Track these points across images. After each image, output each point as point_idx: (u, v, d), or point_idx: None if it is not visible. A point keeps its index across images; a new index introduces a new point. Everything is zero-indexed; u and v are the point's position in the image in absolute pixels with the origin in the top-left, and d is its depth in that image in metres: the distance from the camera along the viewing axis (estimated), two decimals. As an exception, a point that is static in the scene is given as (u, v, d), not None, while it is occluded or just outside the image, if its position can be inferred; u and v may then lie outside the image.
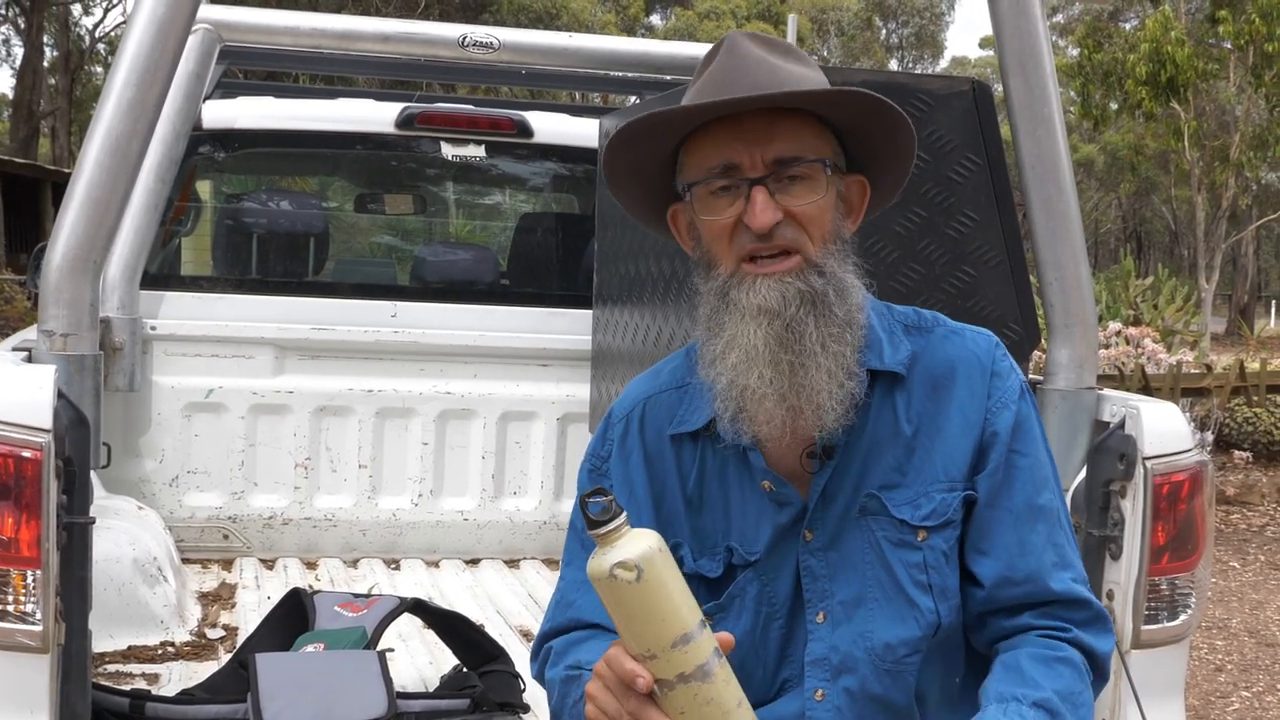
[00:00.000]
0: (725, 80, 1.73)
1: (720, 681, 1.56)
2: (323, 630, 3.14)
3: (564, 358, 4.48)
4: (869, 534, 1.80)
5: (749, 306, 1.71)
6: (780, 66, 1.74)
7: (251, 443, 4.30)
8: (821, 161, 1.74)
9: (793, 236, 1.72)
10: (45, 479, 2.26)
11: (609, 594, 1.55)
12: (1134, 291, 15.18)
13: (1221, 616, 7.25)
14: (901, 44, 54.78)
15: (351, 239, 6.15)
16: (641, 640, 1.55)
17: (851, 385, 1.74)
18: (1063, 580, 1.80)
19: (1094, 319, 2.87)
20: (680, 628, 1.54)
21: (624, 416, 1.93)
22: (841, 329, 1.73)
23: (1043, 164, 2.80)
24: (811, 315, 1.71)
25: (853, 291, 1.76)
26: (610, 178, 1.86)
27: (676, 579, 1.56)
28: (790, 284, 1.71)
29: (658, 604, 1.53)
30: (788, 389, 1.71)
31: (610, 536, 1.54)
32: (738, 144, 1.72)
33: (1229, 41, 20.85)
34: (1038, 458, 1.83)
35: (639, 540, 1.54)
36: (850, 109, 1.75)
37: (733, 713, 1.57)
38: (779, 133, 1.72)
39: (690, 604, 1.56)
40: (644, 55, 4.38)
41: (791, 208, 1.72)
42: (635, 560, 1.52)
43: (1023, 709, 1.68)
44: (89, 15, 39.22)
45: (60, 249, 2.49)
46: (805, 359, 1.71)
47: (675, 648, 1.53)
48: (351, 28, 4.15)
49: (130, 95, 2.49)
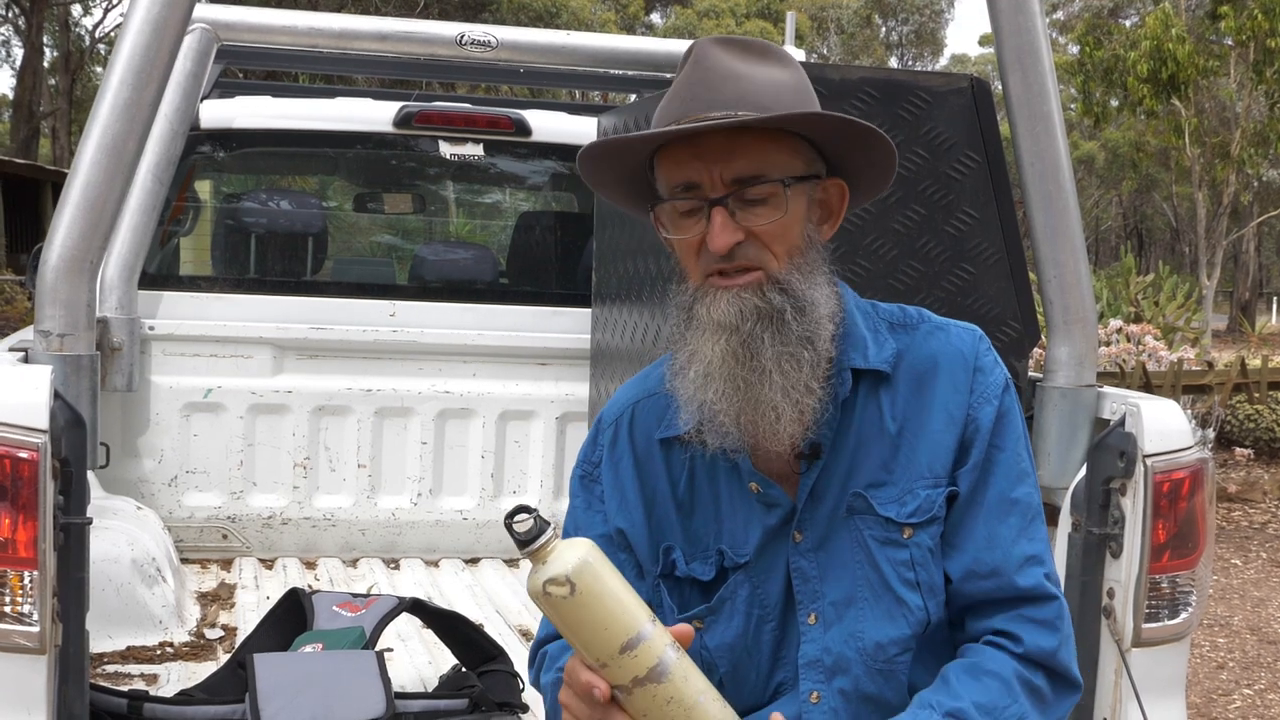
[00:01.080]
0: (689, 95, 1.71)
1: (678, 679, 1.55)
2: (321, 630, 3.13)
3: (563, 356, 4.47)
4: (856, 533, 1.79)
5: (708, 321, 1.72)
6: (747, 76, 1.71)
7: (250, 442, 4.29)
8: (782, 182, 1.71)
9: (755, 255, 1.71)
10: (42, 479, 2.26)
11: (549, 610, 1.55)
12: (1135, 289, 15.16)
13: (1223, 614, 7.24)
14: (901, 41, 54.77)
15: (350, 238, 6.15)
16: (590, 650, 1.55)
17: (809, 401, 1.73)
18: (1032, 575, 1.79)
19: (1093, 316, 2.87)
20: (624, 634, 1.53)
21: (613, 421, 1.93)
22: (799, 346, 1.72)
23: (1042, 161, 2.80)
24: (768, 332, 1.70)
25: (817, 306, 1.74)
26: (593, 185, 1.88)
27: (615, 586, 1.56)
28: (748, 300, 1.70)
29: (597, 614, 1.53)
30: (743, 404, 1.72)
31: (541, 553, 1.54)
32: (697, 163, 1.71)
33: (1230, 38, 20.84)
34: (1015, 452, 1.82)
35: (569, 553, 1.54)
36: (815, 126, 1.74)
37: (696, 707, 1.56)
38: (739, 151, 1.70)
39: (633, 608, 1.56)
40: (642, 53, 4.37)
41: (753, 227, 1.71)
42: (567, 574, 1.52)
43: (931, 715, 1.68)
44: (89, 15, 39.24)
45: (56, 249, 2.48)
46: (760, 376, 1.71)
47: (624, 653, 1.53)
48: (349, 27, 4.14)
49: (126, 95, 2.48)
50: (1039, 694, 1.77)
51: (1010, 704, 1.72)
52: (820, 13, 48.51)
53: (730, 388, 1.71)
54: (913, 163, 3.01)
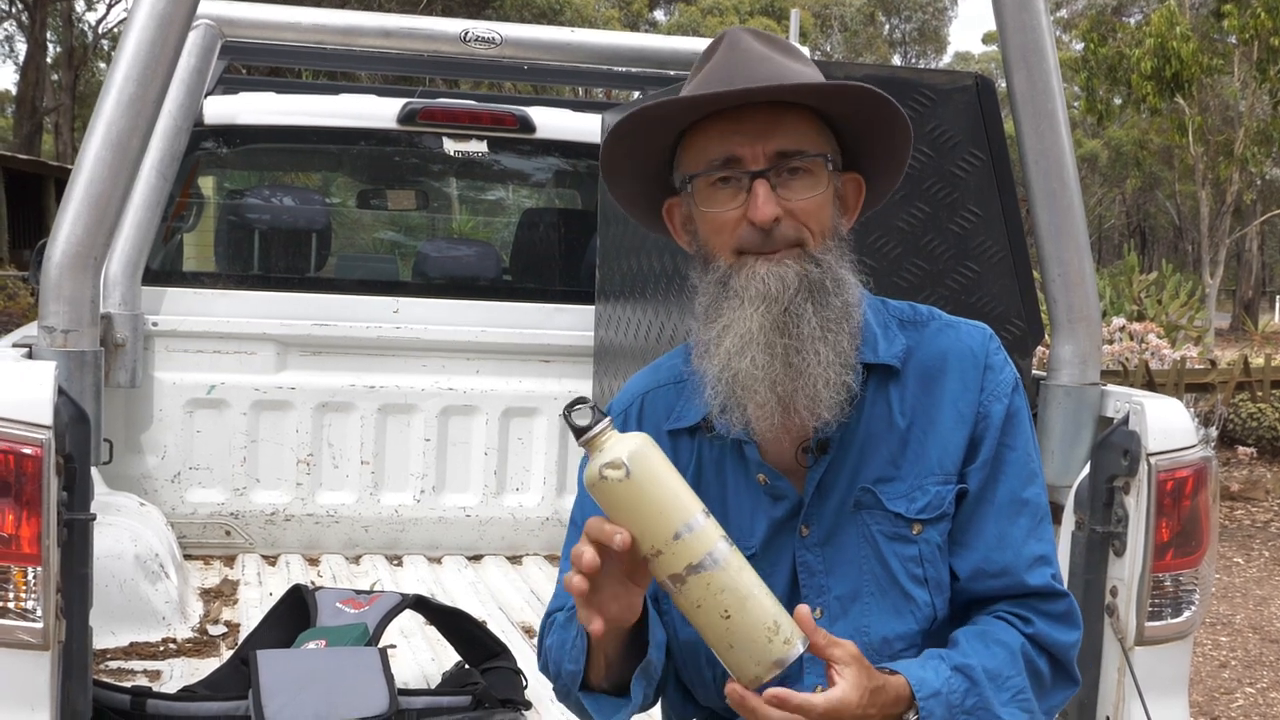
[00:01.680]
0: (728, 75, 1.72)
1: (733, 569, 1.55)
2: (324, 627, 3.14)
3: (566, 353, 4.47)
4: (864, 528, 1.80)
5: (748, 292, 1.70)
6: (781, 63, 1.74)
7: (253, 439, 4.29)
8: (823, 156, 1.73)
9: (792, 231, 1.72)
10: (46, 476, 2.26)
11: (605, 497, 1.56)
12: (1138, 287, 15.15)
13: (1226, 612, 7.24)
14: (904, 39, 54.76)
15: (354, 235, 6.15)
16: (645, 537, 1.54)
17: (848, 378, 1.73)
18: (1041, 575, 1.80)
19: (1097, 314, 2.86)
20: (679, 519, 1.54)
21: (622, 412, 1.93)
22: (840, 318, 1.72)
23: (1046, 159, 2.80)
24: (810, 302, 1.70)
25: (849, 286, 1.75)
26: (608, 170, 1.86)
27: (670, 472, 1.57)
28: (790, 269, 1.70)
29: (653, 498, 1.54)
30: (781, 375, 1.70)
31: (597, 441, 1.56)
32: (739, 137, 1.71)
33: (1234, 36, 20.82)
34: (1025, 451, 1.83)
35: (626, 440, 1.56)
36: (853, 103, 1.74)
37: (750, 598, 1.54)
38: (781, 127, 1.71)
39: (688, 495, 1.56)
40: (646, 50, 4.37)
41: (792, 202, 1.71)
42: (623, 458, 1.54)
43: (940, 665, 1.69)
44: (92, 11, 39.23)
45: (61, 245, 2.48)
46: (802, 344, 1.70)
47: (678, 539, 1.53)
48: (353, 23, 4.14)
49: (131, 91, 2.48)
50: (1039, 676, 1.78)
51: (1014, 675, 1.73)
52: (824, 10, 48.48)
53: (769, 356, 1.70)
54: (917, 160, 3.01)
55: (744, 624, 1.54)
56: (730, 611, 1.54)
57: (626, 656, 1.74)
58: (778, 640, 1.54)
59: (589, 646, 1.74)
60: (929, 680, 1.67)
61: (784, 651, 1.55)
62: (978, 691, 1.69)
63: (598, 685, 1.77)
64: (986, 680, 1.70)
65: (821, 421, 1.74)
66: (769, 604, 1.56)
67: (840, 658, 1.59)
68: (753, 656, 1.55)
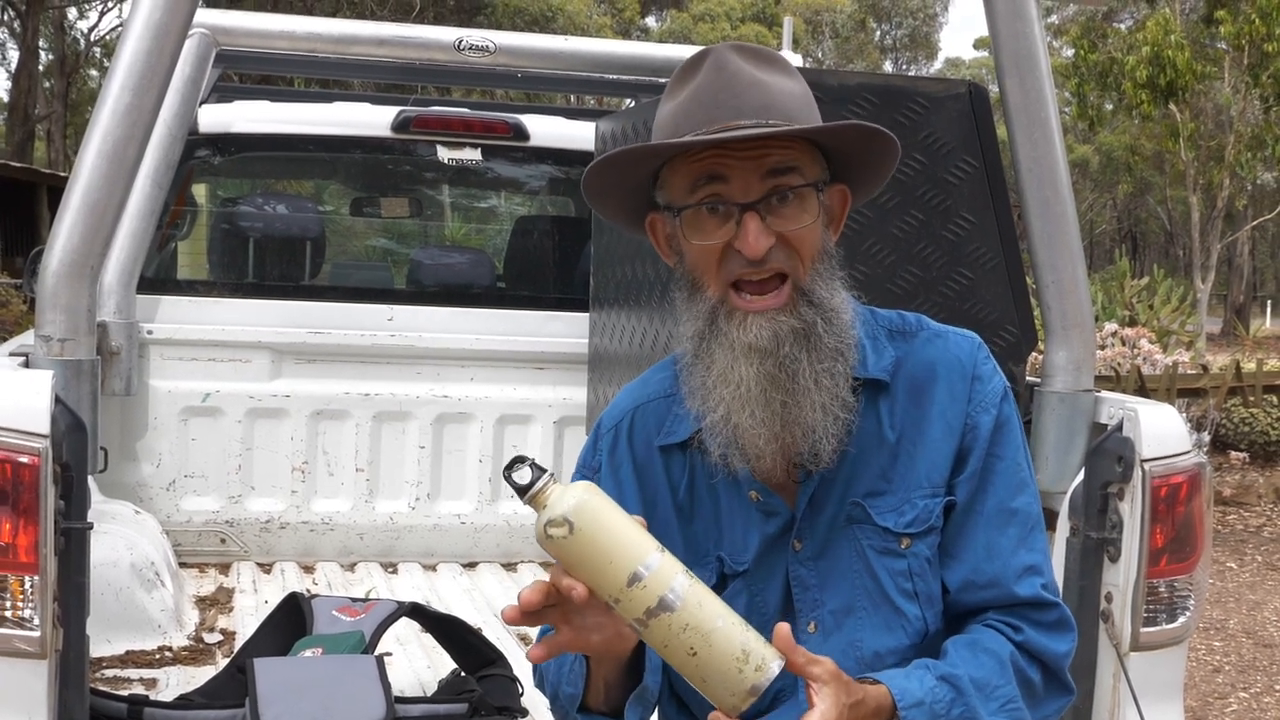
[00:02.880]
0: (713, 101, 1.70)
1: (691, 605, 1.55)
2: (321, 635, 3.14)
3: (561, 361, 4.47)
4: (855, 543, 1.80)
5: (740, 344, 1.70)
6: (770, 85, 1.71)
7: (248, 446, 4.29)
8: (813, 185, 1.72)
9: (784, 260, 1.70)
10: (43, 484, 2.26)
11: (555, 553, 1.56)
12: (1129, 292, 15.19)
13: (1219, 617, 7.25)
14: (895, 45, 54.83)
15: (348, 242, 6.15)
16: (600, 589, 1.55)
17: (845, 415, 1.73)
18: (1030, 585, 1.79)
19: (1091, 321, 2.88)
20: (629, 566, 1.54)
21: (613, 427, 1.92)
22: (833, 360, 1.72)
23: (1039, 166, 2.81)
24: (804, 351, 1.70)
25: (842, 313, 1.74)
26: (590, 194, 1.84)
27: (616, 521, 1.56)
28: (783, 322, 1.69)
29: (600, 550, 1.54)
30: (780, 428, 1.71)
31: (540, 498, 1.56)
32: (727, 165, 1.69)
33: (1225, 42, 20.89)
34: (1015, 461, 1.82)
35: (568, 494, 1.56)
36: (848, 140, 1.74)
37: (715, 633, 1.55)
38: (770, 156, 1.69)
39: (637, 540, 1.56)
40: (639, 58, 4.38)
41: (784, 232, 1.70)
42: (564, 514, 1.54)
43: (926, 675, 1.69)
44: (84, 19, 39.17)
45: (57, 254, 2.48)
46: (798, 397, 1.70)
47: (633, 586, 1.53)
48: (347, 32, 4.15)
49: (127, 100, 2.48)
50: (1030, 686, 1.77)
51: (1003, 684, 1.73)
52: (815, 16, 48.56)
53: (767, 412, 1.70)
54: (910, 168, 3.02)
55: (711, 658, 1.55)
56: (696, 649, 1.55)
57: (624, 681, 1.74)
58: (748, 669, 1.55)
59: (588, 671, 1.74)
60: (912, 690, 1.66)
61: (756, 679, 1.55)
62: (964, 701, 1.68)
63: (596, 708, 1.77)
64: (974, 690, 1.69)
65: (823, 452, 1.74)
66: (735, 634, 1.56)
67: (818, 675, 1.59)
68: (726, 688, 1.56)
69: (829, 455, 1.74)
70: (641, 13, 41.97)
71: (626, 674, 1.74)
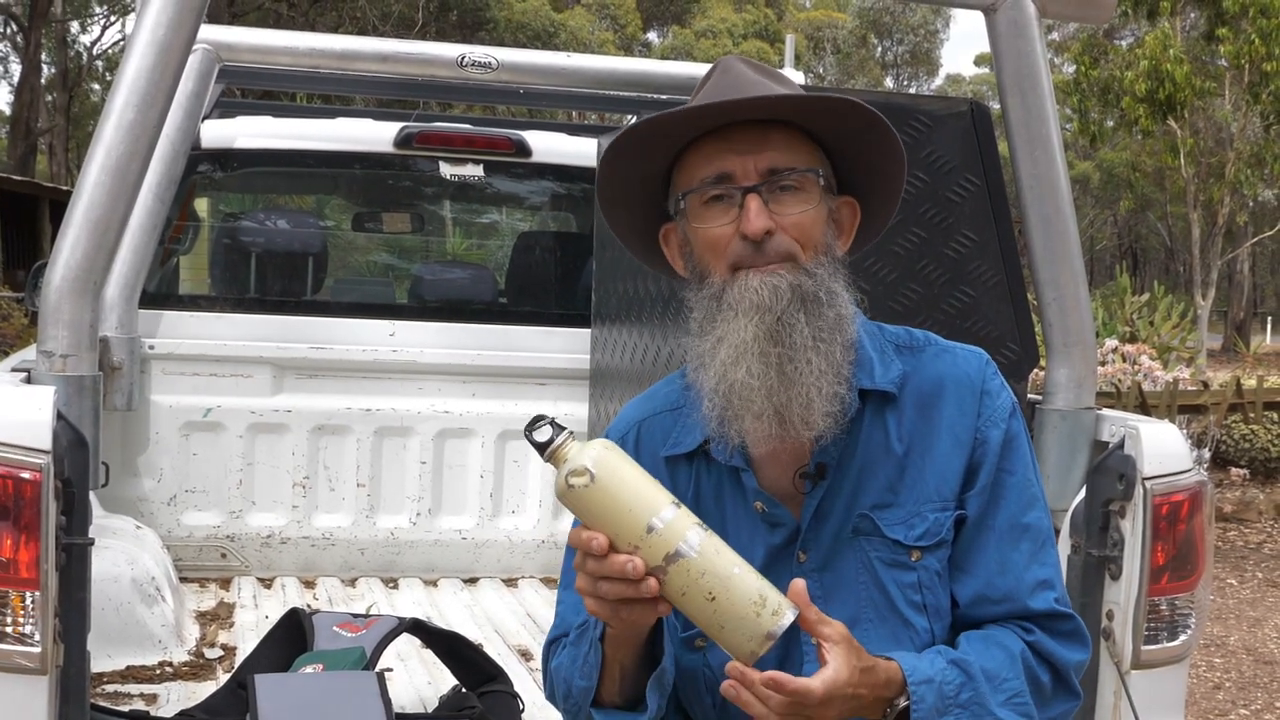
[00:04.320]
0: (719, 94, 1.76)
1: (709, 552, 1.59)
2: (322, 651, 3.13)
3: (562, 377, 4.48)
4: (862, 554, 1.81)
5: (741, 303, 1.73)
6: (772, 88, 1.77)
7: (250, 462, 4.29)
8: (814, 171, 1.76)
9: (785, 244, 1.74)
10: (44, 500, 2.26)
11: (576, 505, 1.61)
12: (1130, 308, 15.19)
13: (1219, 634, 7.24)
14: (897, 61, 54.95)
15: (350, 258, 6.16)
16: (620, 535, 1.59)
17: (842, 390, 1.74)
18: (1044, 600, 1.80)
19: (1092, 339, 2.88)
20: (649, 512, 1.59)
21: (618, 440, 1.93)
22: (832, 329, 1.74)
23: (1041, 184, 2.81)
24: (802, 311, 1.72)
25: (842, 300, 1.77)
26: (605, 199, 1.89)
27: (634, 471, 1.62)
28: (782, 279, 1.72)
29: (621, 497, 1.60)
30: (776, 384, 1.72)
31: (560, 453, 1.62)
32: (730, 154, 1.75)
33: (1225, 60, 20.94)
34: (1025, 476, 1.83)
35: (588, 448, 1.62)
36: (839, 118, 1.77)
37: (732, 578, 1.59)
38: (771, 143, 1.75)
39: (655, 489, 1.62)
40: (642, 75, 4.38)
41: (784, 217, 1.74)
42: (586, 464, 1.60)
43: (937, 657, 1.71)
44: (87, 33, 39.24)
45: (60, 270, 2.48)
46: (795, 353, 1.72)
47: (651, 532, 1.58)
48: (350, 48, 4.15)
49: (131, 117, 2.49)
50: (1039, 685, 1.78)
51: (1012, 677, 1.74)
52: (816, 33, 48.66)
53: (763, 365, 1.72)
54: (913, 185, 3.02)
55: (730, 603, 1.59)
56: (714, 593, 1.59)
57: (640, 667, 1.76)
58: (765, 613, 1.59)
59: (602, 662, 1.76)
60: (922, 668, 1.69)
61: (773, 623, 1.59)
62: (973, 686, 1.70)
63: (610, 701, 1.79)
64: (983, 678, 1.71)
65: (816, 433, 1.75)
66: (752, 580, 1.60)
67: (830, 635, 1.62)
68: (744, 633, 1.59)
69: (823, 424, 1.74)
70: (644, 28, 42.06)
71: (643, 660, 1.76)
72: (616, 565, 1.58)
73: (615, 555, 1.59)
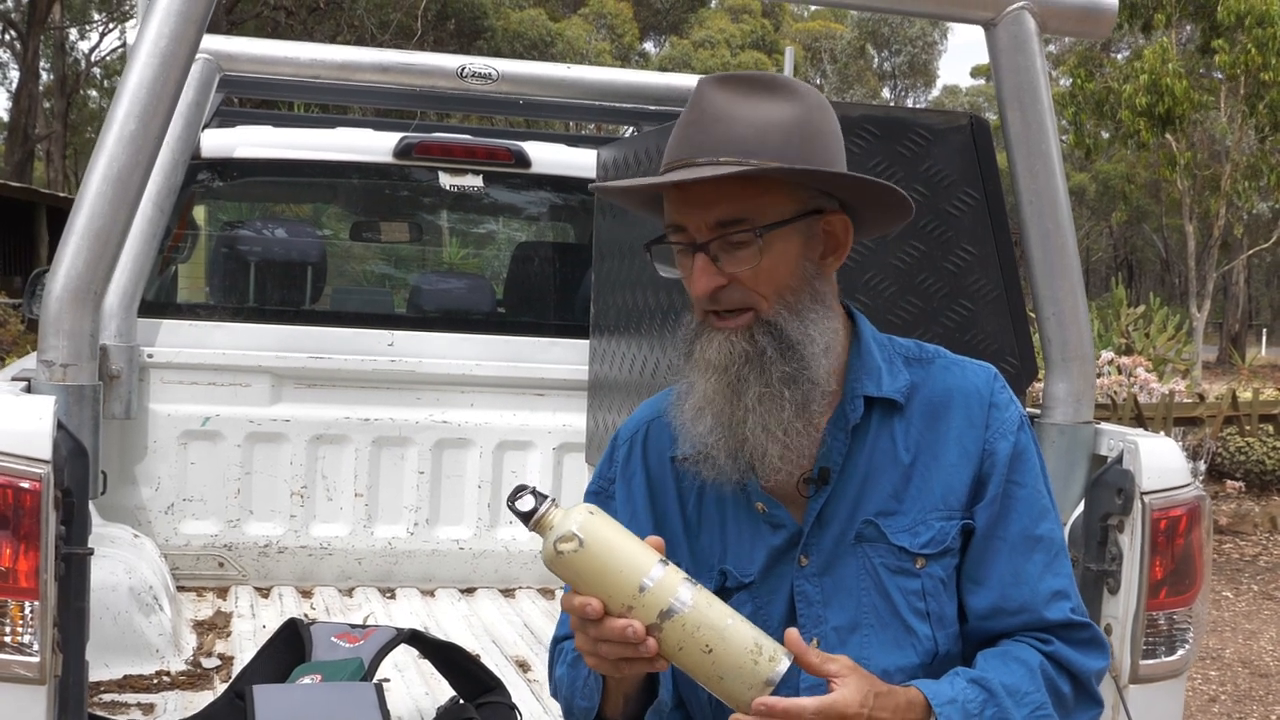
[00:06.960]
0: (682, 138, 1.76)
1: (703, 604, 1.62)
2: (320, 661, 3.13)
3: (561, 387, 4.48)
4: (865, 561, 1.82)
5: (701, 360, 1.78)
6: (738, 119, 1.73)
7: (247, 471, 4.29)
8: (753, 231, 1.73)
9: (741, 297, 1.76)
10: (44, 510, 2.26)
11: (567, 570, 1.63)
12: (1126, 320, 15.21)
13: (1215, 647, 7.24)
14: (894, 72, 55.01)
15: (348, 268, 6.16)
16: (614, 597, 1.61)
17: (795, 438, 1.77)
18: (1060, 610, 1.82)
19: (1091, 353, 2.88)
20: (640, 572, 1.61)
21: (628, 438, 1.98)
22: (780, 386, 1.75)
23: (1040, 199, 2.82)
24: (752, 373, 1.75)
25: (808, 343, 1.76)
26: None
27: (619, 531, 1.64)
28: (737, 343, 1.75)
29: (611, 560, 1.61)
30: (730, 440, 1.77)
31: (545, 520, 1.64)
32: (685, 207, 1.76)
33: (1221, 72, 20.98)
34: (1036, 488, 1.85)
35: (572, 514, 1.64)
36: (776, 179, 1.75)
37: (726, 628, 1.61)
38: (722, 197, 1.73)
39: (642, 550, 1.64)
40: (640, 86, 4.40)
41: (738, 270, 1.74)
42: (573, 530, 1.61)
43: (956, 679, 1.73)
44: (85, 39, 39.28)
45: (61, 279, 2.48)
46: (743, 414, 1.75)
47: (644, 592, 1.60)
48: (350, 58, 4.16)
49: (133, 128, 2.49)
50: (1061, 696, 1.80)
51: (1033, 690, 1.76)
52: (814, 43, 48.73)
53: (719, 424, 1.77)
54: (912, 199, 3.02)
55: (727, 653, 1.61)
56: (711, 645, 1.61)
57: (643, 693, 1.82)
58: (763, 660, 1.61)
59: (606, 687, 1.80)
60: (943, 690, 1.71)
61: (770, 669, 1.61)
62: (996, 702, 1.72)
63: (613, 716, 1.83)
64: (1005, 693, 1.73)
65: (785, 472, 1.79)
66: (746, 629, 1.63)
67: (836, 671, 1.65)
68: (743, 681, 1.61)
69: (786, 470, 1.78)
70: (641, 38, 42.10)
71: (645, 688, 1.82)
72: (616, 629, 1.61)
73: (612, 620, 1.61)
